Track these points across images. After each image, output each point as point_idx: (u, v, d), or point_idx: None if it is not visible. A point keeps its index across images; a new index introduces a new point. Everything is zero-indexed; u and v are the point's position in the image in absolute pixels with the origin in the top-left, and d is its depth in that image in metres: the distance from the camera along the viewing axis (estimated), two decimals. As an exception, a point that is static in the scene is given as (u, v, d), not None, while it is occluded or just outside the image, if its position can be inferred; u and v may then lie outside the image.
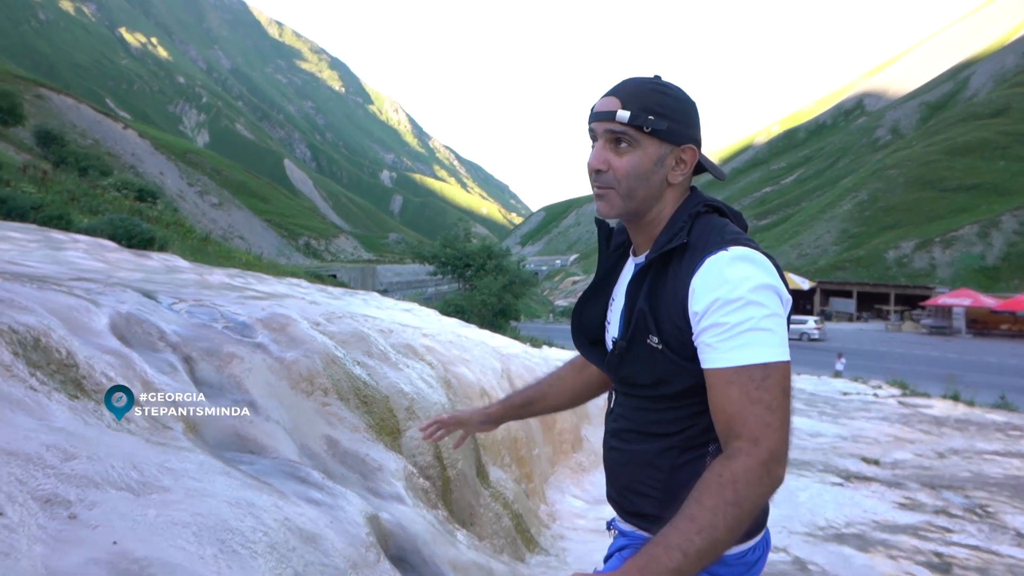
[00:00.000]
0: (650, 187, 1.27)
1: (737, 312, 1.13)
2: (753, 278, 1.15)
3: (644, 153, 1.25)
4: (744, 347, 1.12)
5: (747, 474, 1.08)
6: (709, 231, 1.24)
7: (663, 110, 1.24)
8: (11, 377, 1.76)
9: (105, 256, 4.81)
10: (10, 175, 19.40)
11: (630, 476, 1.34)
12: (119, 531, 1.41)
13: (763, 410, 1.11)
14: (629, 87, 1.26)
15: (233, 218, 72.18)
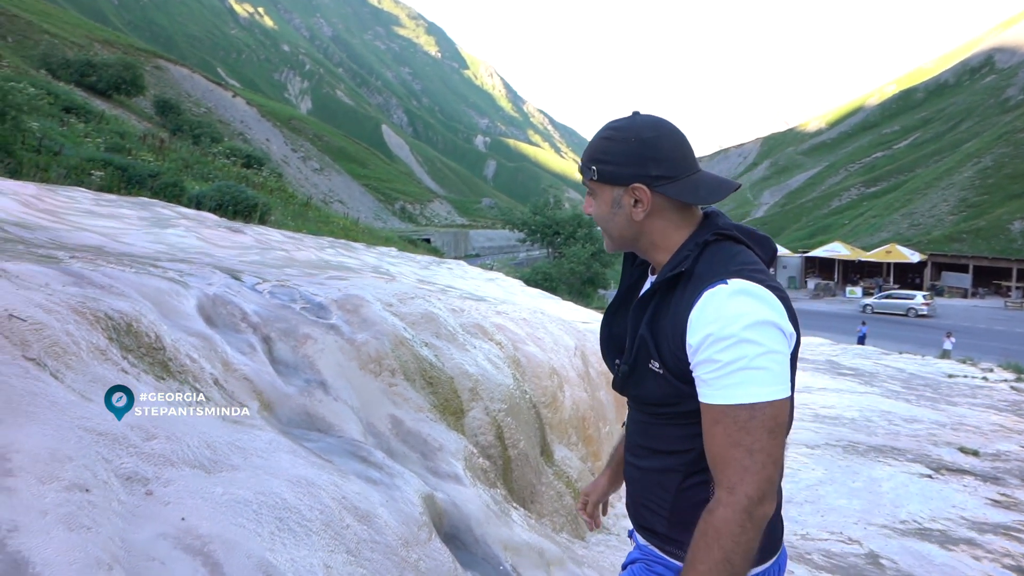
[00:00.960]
0: (620, 227, 1.33)
1: (729, 350, 1.14)
2: (750, 314, 1.15)
3: (601, 199, 1.34)
4: (733, 387, 1.13)
5: (727, 526, 1.11)
6: (716, 261, 1.24)
7: (605, 156, 1.30)
8: (106, 360, 1.97)
9: (202, 233, 5.16)
10: (132, 144, 20.82)
11: (641, 492, 1.38)
12: (188, 508, 1.58)
13: (743, 453, 1.13)
14: (592, 140, 1.35)
15: (333, 183, 74.69)
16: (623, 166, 1.28)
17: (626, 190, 1.29)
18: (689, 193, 1.29)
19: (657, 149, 1.27)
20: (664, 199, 1.29)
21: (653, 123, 1.29)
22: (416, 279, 7.43)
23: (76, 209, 4.73)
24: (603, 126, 1.33)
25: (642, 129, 1.28)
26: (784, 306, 1.21)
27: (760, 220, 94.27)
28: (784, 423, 1.17)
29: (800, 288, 50.55)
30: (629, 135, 1.28)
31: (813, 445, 7.10)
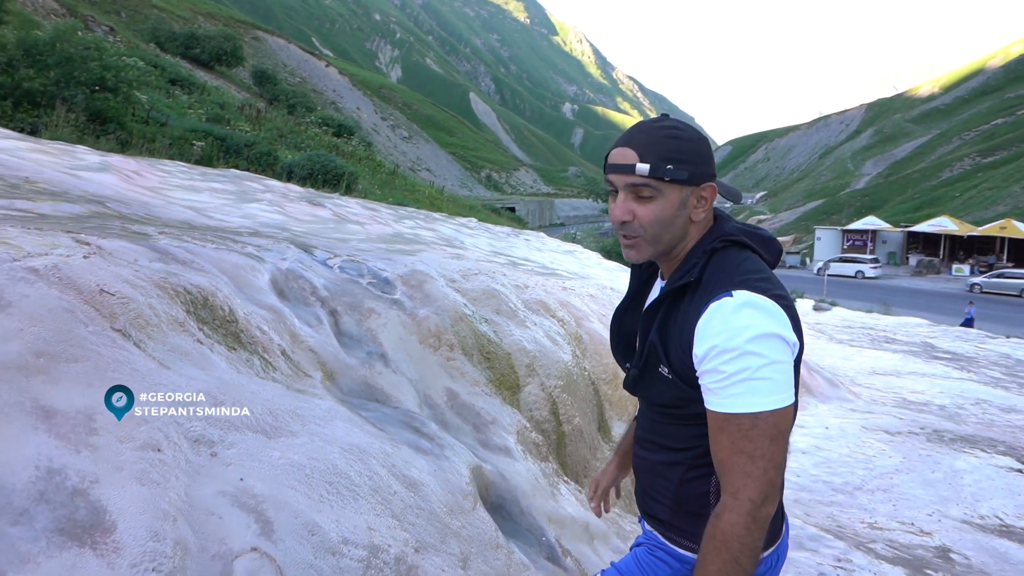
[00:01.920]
0: (675, 229, 1.31)
1: (734, 362, 1.17)
2: (754, 327, 1.17)
3: (667, 200, 1.28)
4: (737, 396, 1.17)
5: (734, 529, 1.17)
6: (722, 270, 1.26)
7: (680, 155, 1.26)
8: (183, 332, 2.17)
9: (284, 207, 5.45)
10: (231, 114, 21.83)
11: (648, 482, 1.44)
12: (247, 469, 1.75)
13: (745, 460, 1.17)
14: (643, 137, 1.29)
15: (421, 151, 75.89)
16: (701, 165, 1.28)
17: (694, 190, 1.29)
18: (729, 192, 1.36)
19: (710, 150, 1.32)
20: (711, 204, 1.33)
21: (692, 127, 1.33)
22: (490, 251, 7.57)
23: (171, 184, 5.10)
24: (649, 126, 1.30)
25: (696, 130, 1.31)
26: (788, 315, 1.23)
27: (860, 192, 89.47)
28: (786, 430, 1.20)
29: (900, 265, 47.92)
30: (694, 135, 1.29)
31: (894, 432, 6.85)
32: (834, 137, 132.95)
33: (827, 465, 5.74)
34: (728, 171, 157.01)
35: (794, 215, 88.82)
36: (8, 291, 1.81)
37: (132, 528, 1.40)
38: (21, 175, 3.64)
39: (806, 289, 25.97)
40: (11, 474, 1.39)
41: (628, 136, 1.31)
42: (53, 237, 2.26)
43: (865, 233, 50.33)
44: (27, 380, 1.60)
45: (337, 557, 1.66)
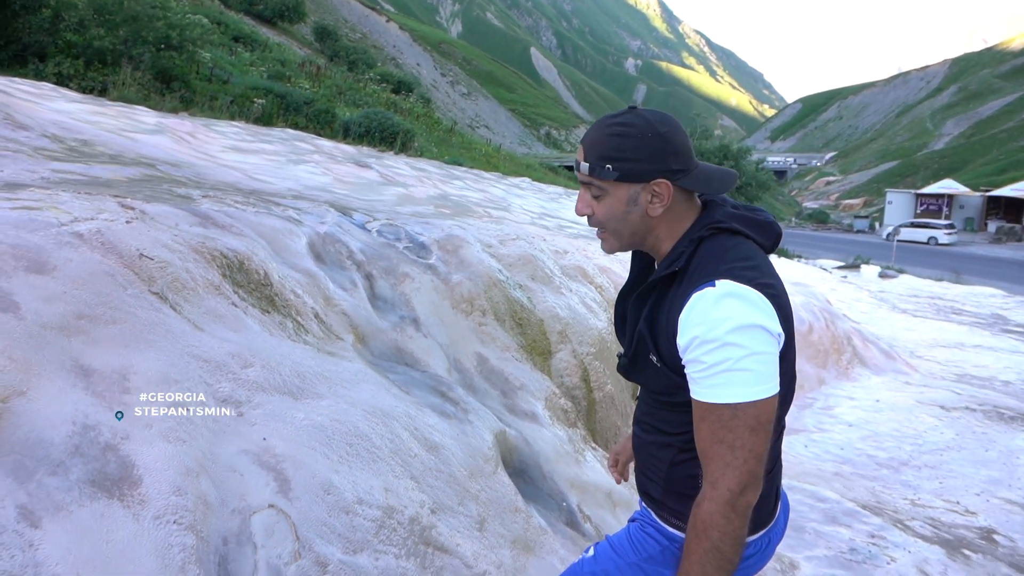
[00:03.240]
0: (632, 224, 1.30)
1: (714, 353, 1.16)
2: (734, 318, 1.16)
3: (614, 198, 1.28)
4: (717, 387, 1.17)
5: (713, 518, 1.18)
6: (708, 259, 1.24)
7: (620, 154, 1.25)
8: (219, 295, 2.27)
9: (331, 168, 5.53)
10: (291, 71, 22.09)
11: (643, 460, 1.46)
12: (271, 429, 1.85)
13: (725, 450, 1.18)
14: (592, 135, 1.29)
15: (480, 107, 75.45)
16: (644, 162, 1.25)
17: (644, 186, 1.27)
18: (703, 184, 1.30)
19: (673, 143, 1.26)
20: (677, 192, 1.29)
21: (662, 117, 1.28)
22: (539, 213, 7.55)
23: (223, 145, 5.25)
24: (603, 122, 1.29)
25: (656, 123, 1.26)
26: (774, 304, 1.22)
27: (939, 153, 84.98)
28: (768, 421, 1.19)
29: (978, 231, 45.57)
30: (645, 130, 1.25)
31: (950, 407, 6.64)
32: (913, 95, 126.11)
33: (874, 439, 5.62)
34: (797, 130, 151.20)
35: (865, 177, 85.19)
36: (54, 255, 1.93)
37: (157, 482, 1.50)
38: (81, 138, 3.81)
39: (872, 255, 25.01)
40: (50, 428, 1.50)
41: (586, 133, 1.32)
42: (100, 202, 2.38)
43: (941, 197, 47.96)
44: (68, 340, 1.71)
45: (351, 516, 1.75)
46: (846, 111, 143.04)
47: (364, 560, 1.68)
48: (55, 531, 1.33)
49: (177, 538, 1.44)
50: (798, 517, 3.86)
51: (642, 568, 1.40)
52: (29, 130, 3.60)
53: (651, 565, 1.40)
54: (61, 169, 3.05)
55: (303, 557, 1.57)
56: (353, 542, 1.70)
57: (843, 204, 74.62)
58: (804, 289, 9.58)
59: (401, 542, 1.81)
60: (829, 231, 48.14)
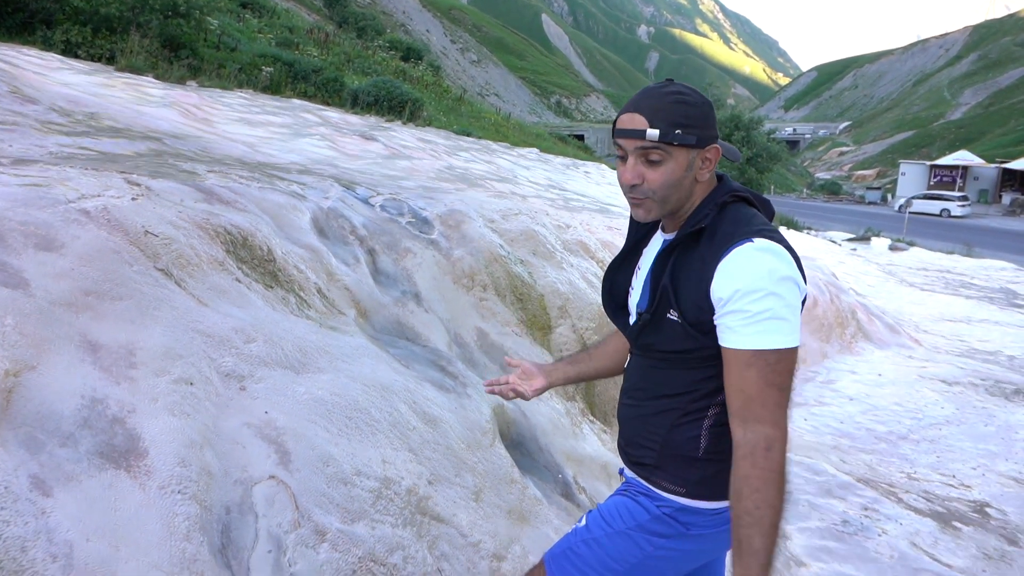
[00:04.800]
0: (682, 190, 1.38)
1: (759, 301, 1.25)
2: (776, 271, 1.26)
3: (676, 163, 1.34)
4: (763, 333, 1.25)
5: (782, 457, 1.26)
6: (737, 221, 1.33)
7: (688, 120, 1.31)
8: (223, 271, 2.32)
9: (336, 141, 5.55)
10: (299, 38, 21.91)
11: (635, 430, 1.50)
12: (272, 403, 1.91)
13: (777, 392, 1.26)
14: (652, 103, 1.34)
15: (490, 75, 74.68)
16: (707, 128, 1.33)
17: (700, 152, 1.35)
18: (730, 152, 1.43)
19: (714, 113, 1.37)
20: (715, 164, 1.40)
21: (699, 89, 1.39)
22: (545, 185, 7.55)
23: (229, 117, 5.27)
24: (658, 92, 1.35)
25: (701, 93, 1.37)
26: (798, 266, 1.32)
27: (955, 123, 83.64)
28: (794, 372, 1.30)
29: (992, 203, 45.04)
30: (699, 99, 1.35)
31: (952, 381, 6.67)
32: (931, 63, 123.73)
33: (873, 413, 5.67)
34: (811, 99, 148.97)
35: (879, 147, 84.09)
36: (62, 232, 1.98)
37: (162, 454, 1.57)
38: (88, 111, 3.85)
39: (884, 227, 24.82)
40: (60, 402, 1.57)
41: (636, 102, 1.36)
42: (107, 178, 2.42)
43: (955, 169, 47.35)
44: (76, 316, 1.77)
45: (349, 487, 1.82)
46: (862, 80, 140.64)
47: (361, 529, 1.75)
48: (65, 500, 1.40)
49: (181, 507, 1.51)
50: (793, 489, 3.93)
51: (630, 535, 1.45)
52: (37, 104, 3.64)
53: (640, 533, 1.45)
54: (68, 144, 3.09)
55: (302, 526, 1.65)
56: (351, 512, 1.77)
57: (856, 175, 73.80)
58: (810, 263, 9.57)
59: (398, 512, 1.89)
60: (841, 202, 47.71)
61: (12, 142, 2.94)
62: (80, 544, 1.34)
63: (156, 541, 1.43)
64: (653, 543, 1.43)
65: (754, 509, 1.24)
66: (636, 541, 1.45)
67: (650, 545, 1.43)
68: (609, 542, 1.47)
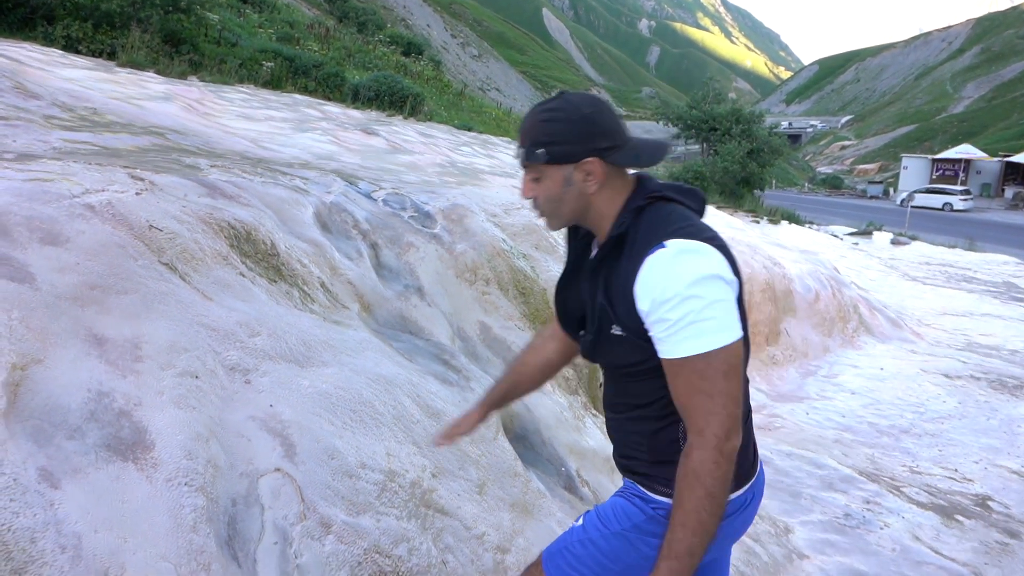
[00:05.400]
0: (570, 203, 1.37)
1: (677, 308, 1.23)
2: (690, 272, 1.23)
3: (550, 180, 1.35)
4: (685, 340, 1.23)
5: (703, 466, 1.25)
6: (651, 225, 1.31)
7: (549, 138, 1.32)
8: (226, 265, 2.33)
9: (338, 136, 5.55)
10: (300, 33, 21.88)
11: (621, 440, 1.52)
12: (277, 396, 1.92)
13: (705, 399, 1.24)
14: (525, 123, 1.37)
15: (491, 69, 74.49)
16: (574, 143, 1.32)
17: (577, 166, 1.34)
18: (633, 158, 1.36)
19: (599, 123, 1.33)
20: (609, 168, 1.36)
21: (589, 99, 1.35)
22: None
23: (231, 112, 5.27)
24: (535, 110, 1.36)
25: (580, 106, 1.33)
26: (722, 254, 1.29)
27: (958, 117, 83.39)
28: (737, 364, 1.27)
29: (995, 197, 44.92)
30: (570, 113, 1.32)
31: (954, 375, 6.68)
32: (934, 56, 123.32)
33: (876, 407, 5.68)
34: (813, 93, 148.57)
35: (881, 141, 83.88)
36: (67, 227, 1.99)
37: (169, 447, 1.58)
38: (90, 106, 3.85)
39: (885, 221, 24.78)
40: (67, 395, 1.58)
41: (522, 121, 1.40)
42: (110, 173, 2.43)
43: (957, 162, 47.23)
44: (82, 310, 1.78)
45: (354, 480, 1.83)
46: (864, 73, 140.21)
47: (367, 521, 1.76)
48: (73, 492, 1.41)
49: (188, 499, 1.52)
50: (795, 483, 3.94)
51: (626, 537, 1.46)
52: (40, 99, 3.64)
53: (636, 533, 1.46)
54: (72, 139, 3.10)
55: (308, 518, 1.66)
56: (356, 504, 1.78)
57: (857, 169, 73.64)
58: (812, 257, 9.56)
59: (403, 504, 1.90)
60: (842, 197, 47.63)
61: (16, 137, 2.94)
62: (88, 535, 1.35)
63: (163, 533, 1.44)
64: (649, 543, 1.43)
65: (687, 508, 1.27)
66: (631, 542, 1.46)
67: (646, 546, 1.44)
68: (605, 542, 1.48)
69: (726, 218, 10.49)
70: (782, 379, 6.14)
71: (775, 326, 6.60)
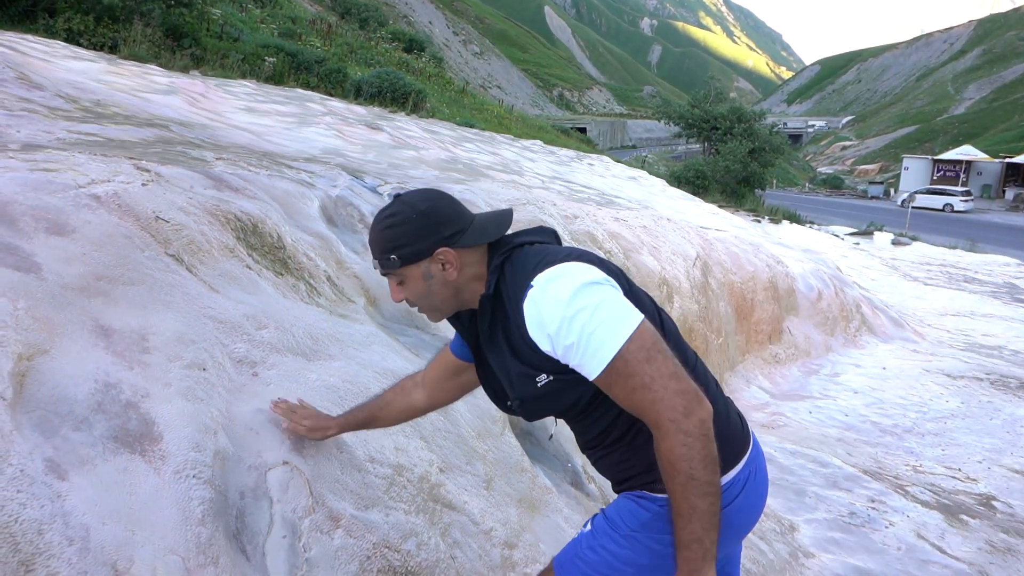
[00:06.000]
0: (440, 294, 1.41)
1: (570, 331, 1.24)
2: (561, 294, 1.25)
3: (411, 279, 1.40)
4: (595, 353, 1.23)
5: (672, 452, 1.23)
6: (515, 274, 1.34)
7: (396, 243, 1.36)
8: (233, 257, 2.31)
9: (342, 130, 5.52)
10: (302, 29, 21.84)
11: (614, 472, 1.51)
12: (284, 389, 1.90)
13: (643, 393, 1.23)
14: (371, 235, 1.42)
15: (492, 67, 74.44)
16: (419, 241, 1.36)
17: (431, 260, 1.38)
18: (480, 235, 1.39)
19: (436, 215, 1.37)
20: (462, 251, 1.38)
21: (423, 195, 1.39)
22: (550, 177, 7.53)
23: (235, 106, 5.24)
24: (376, 221, 1.40)
25: (415, 204, 1.37)
26: (583, 261, 1.31)
27: (959, 118, 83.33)
28: (654, 343, 1.25)
29: (996, 199, 44.90)
30: (408, 214, 1.37)
31: (956, 375, 6.67)
32: (935, 57, 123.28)
33: (879, 406, 5.67)
34: (814, 93, 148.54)
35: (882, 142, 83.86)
36: (73, 217, 1.97)
37: (177, 439, 1.56)
38: (94, 98, 3.82)
39: (886, 222, 24.74)
40: (74, 386, 1.56)
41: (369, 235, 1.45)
42: (116, 164, 2.41)
43: (958, 163, 47.21)
44: (88, 301, 1.76)
45: (363, 473, 1.81)
46: (865, 74, 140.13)
47: (375, 515, 1.75)
48: (81, 483, 1.39)
49: (197, 492, 1.50)
50: (799, 481, 3.93)
51: (636, 537, 1.45)
52: (44, 90, 3.61)
53: (644, 532, 1.44)
54: (76, 130, 3.08)
55: (317, 512, 1.64)
56: (365, 498, 1.76)
57: (858, 170, 73.61)
58: (814, 256, 9.55)
59: (411, 499, 1.88)
60: (843, 197, 47.61)
61: (20, 128, 2.92)
62: (96, 527, 1.34)
63: (172, 525, 1.42)
64: (661, 541, 1.41)
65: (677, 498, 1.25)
66: (642, 542, 1.44)
67: (657, 543, 1.42)
68: (616, 546, 1.46)
69: (728, 217, 10.48)
70: (785, 377, 6.12)
71: (778, 324, 6.59)
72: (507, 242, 1.42)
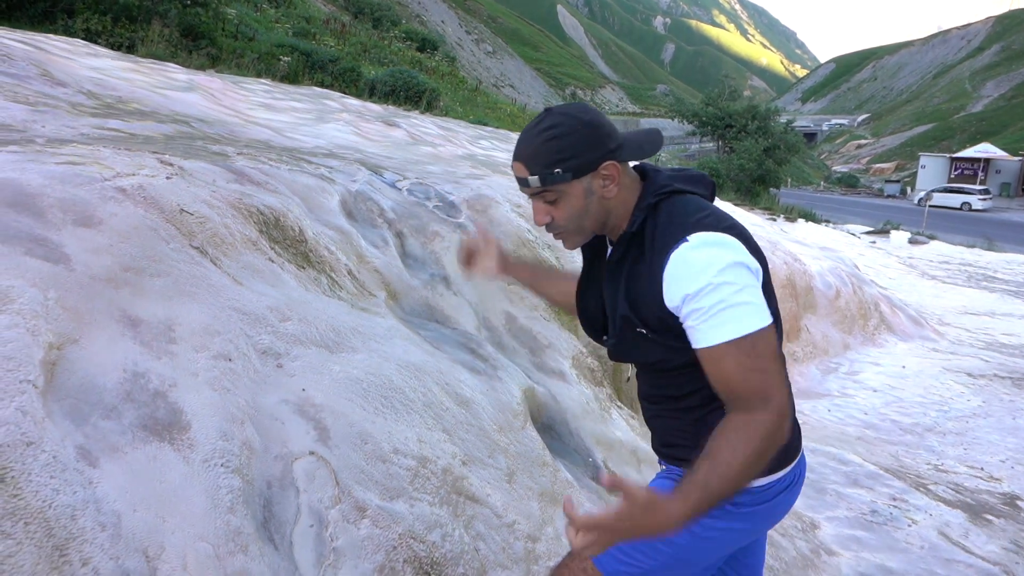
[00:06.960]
0: (593, 214, 1.35)
1: (709, 296, 1.21)
2: (716, 261, 1.22)
3: (572, 196, 1.32)
4: (725, 324, 1.20)
5: (767, 427, 1.18)
6: (670, 220, 1.29)
7: (563, 155, 1.28)
8: (256, 250, 2.32)
9: (360, 127, 5.54)
10: (316, 28, 21.94)
11: (664, 432, 1.49)
12: (309, 381, 1.91)
13: (760, 376, 1.20)
14: (526, 149, 1.31)
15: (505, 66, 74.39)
16: (589, 152, 1.30)
17: (594, 175, 1.32)
18: (638, 151, 1.35)
19: (601, 126, 1.32)
20: (622, 167, 1.35)
21: (580, 107, 1.33)
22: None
23: (253, 103, 5.27)
24: (531, 133, 1.32)
25: (578, 115, 1.31)
26: (743, 242, 1.28)
27: (977, 116, 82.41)
28: (776, 347, 1.24)
29: (1015, 197, 44.36)
30: (573, 124, 1.30)
31: (977, 374, 6.59)
32: (952, 54, 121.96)
33: (899, 405, 5.61)
34: (829, 91, 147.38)
35: (898, 140, 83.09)
36: (100, 209, 1.98)
37: (205, 428, 1.57)
38: (116, 95, 3.86)
39: (903, 221, 24.51)
40: (103, 375, 1.57)
41: (516, 149, 1.35)
42: (140, 158, 2.42)
43: (977, 161, 46.70)
44: (116, 291, 1.77)
45: (387, 464, 1.81)
46: (881, 72, 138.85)
47: (400, 506, 1.75)
48: (112, 470, 1.40)
49: (225, 480, 1.50)
50: (820, 479, 3.89)
51: None
52: (67, 86, 3.65)
53: None
54: (99, 125, 3.10)
55: (343, 502, 1.64)
56: (390, 489, 1.77)
57: (874, 168, 72.97)
58: (832, 254, 9.47)
59: (435, 491, 1.88)
60: (859, 196, 47.19)
61: (45, 123, 2.95)
62: (127, 514, 1.34)
63: (201, 513, 1.43)
64: (701, 523, 1.39)
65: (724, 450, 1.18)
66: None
67: (698, 526, 1.40)
68: None
69: (744, 214, 10.41)
70: (803, 376, 6.07)
71: (796, 323, 6.54)
72: (663, 181, 1.37)
